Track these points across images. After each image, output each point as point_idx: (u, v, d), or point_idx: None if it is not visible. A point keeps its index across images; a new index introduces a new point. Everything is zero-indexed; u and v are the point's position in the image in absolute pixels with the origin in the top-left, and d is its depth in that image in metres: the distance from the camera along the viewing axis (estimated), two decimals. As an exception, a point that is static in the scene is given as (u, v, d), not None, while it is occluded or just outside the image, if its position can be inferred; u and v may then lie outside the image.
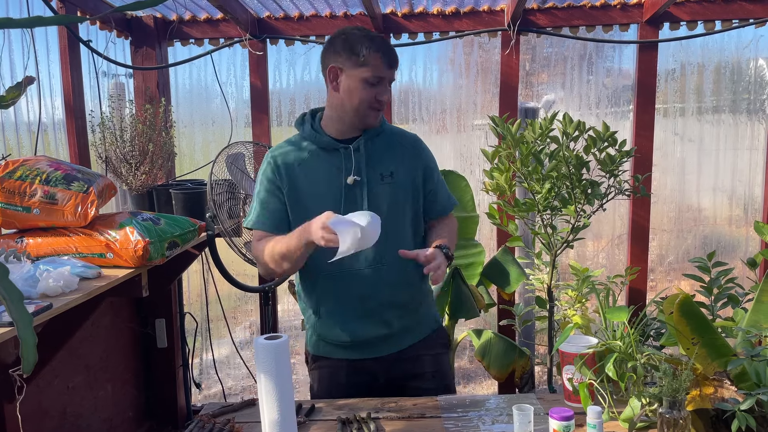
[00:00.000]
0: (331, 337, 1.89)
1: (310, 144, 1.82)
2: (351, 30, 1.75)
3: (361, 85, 1.72)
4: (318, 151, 1.81)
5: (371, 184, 1.79)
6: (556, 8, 3.14)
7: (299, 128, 1.86)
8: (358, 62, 1.71)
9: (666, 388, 1.39)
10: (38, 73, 2.65)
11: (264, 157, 1.87)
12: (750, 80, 3.41)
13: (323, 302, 1.87)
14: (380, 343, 1.88)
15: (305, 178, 1.79)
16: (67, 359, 2.44)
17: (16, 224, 2.18)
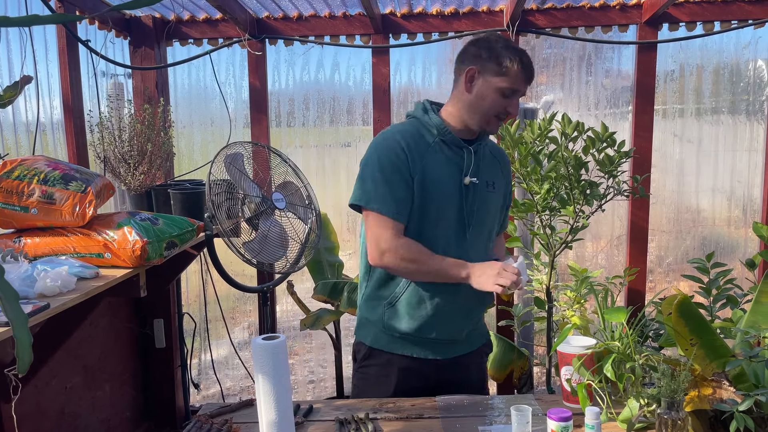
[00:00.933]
0: (401, 328, 1.84)
1: (433, 135, 1.79)
2: (498, 37, 1.78)
3: (495, 93, 1.75)
4: (441, 144, 1.80)
5: (481, 189, 1.84)
6: (555, 9, 3.14)
7: (421, 116, 1.81)
8: (499, 71, 1.73)
9: (664, 388, 1.39)
10: (36, 73, 2.65)
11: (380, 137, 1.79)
12: (749, 81, 3.41)
13: (407, 293, 1.81)
14: (445, 345, 1.89)
15: (432, 169, 1.76)
16: (65, 359, 2.44)
17: (13, 224, 2.18)
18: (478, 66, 1.75)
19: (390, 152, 1.74)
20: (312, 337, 3.77)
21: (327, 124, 3.54)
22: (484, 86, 1.75)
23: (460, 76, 1.79)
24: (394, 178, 1.73)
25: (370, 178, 1.75)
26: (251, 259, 2.45)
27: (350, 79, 3.49)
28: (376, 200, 1.73)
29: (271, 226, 2.54)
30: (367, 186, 1.75)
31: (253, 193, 2.52)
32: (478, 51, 1.76)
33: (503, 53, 1.73)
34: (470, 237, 1.84)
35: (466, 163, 1.81)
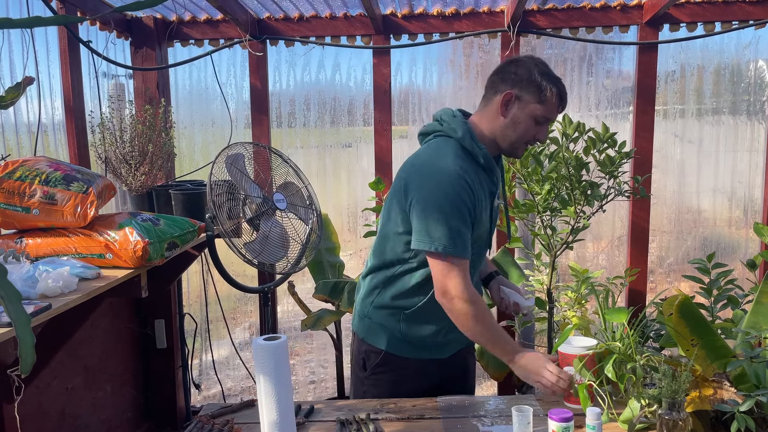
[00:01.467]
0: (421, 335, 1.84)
1: (477, 164, 1.76)
2: (537, 62, 1.74)
3: (530, 120, 1.73)
4: (479, 169, 1.77)
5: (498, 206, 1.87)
6: (555, 9, 3.14)
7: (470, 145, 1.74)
8: (538, 99, 1.71)
9: (665, 389, 1.39)
10: (38, 74, 2.65)
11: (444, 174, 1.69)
12: (750, 82, 3.41)
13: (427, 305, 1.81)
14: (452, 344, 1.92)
15: (480, 202, 1.75)
16: (67, 360, 2.44)
17: (15, 224, 2.18)
18: (516, 90, 1.72)
19: (463, 197, 1.68)
20: (313, 338, 3.77)
21: (328, 124, 3.54)
22: (519, 111, 1.73)
23: (495, 96, 1.75)
24: (467, 217, 1.69)
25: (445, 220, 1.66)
26: (252, 259, 2.45)
27: (351, 80, 3.49)
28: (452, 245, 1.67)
29: (272, 227, 2.54)
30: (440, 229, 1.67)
31: (254, 193, 2.52)
32: (518, 75, 1.73)
33: (543, 81, 1.71)
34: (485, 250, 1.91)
35: (497, 187, 1.84)
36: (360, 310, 1.94)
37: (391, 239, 1.82)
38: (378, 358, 1.89)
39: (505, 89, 1.73)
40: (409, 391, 1.87)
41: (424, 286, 1.80)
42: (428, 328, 1.85)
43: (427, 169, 1.73)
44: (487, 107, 1.78)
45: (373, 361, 1.90)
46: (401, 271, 1.82)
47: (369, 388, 1.92)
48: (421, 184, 1.71)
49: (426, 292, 1.81)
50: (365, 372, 1.92)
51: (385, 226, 1.84)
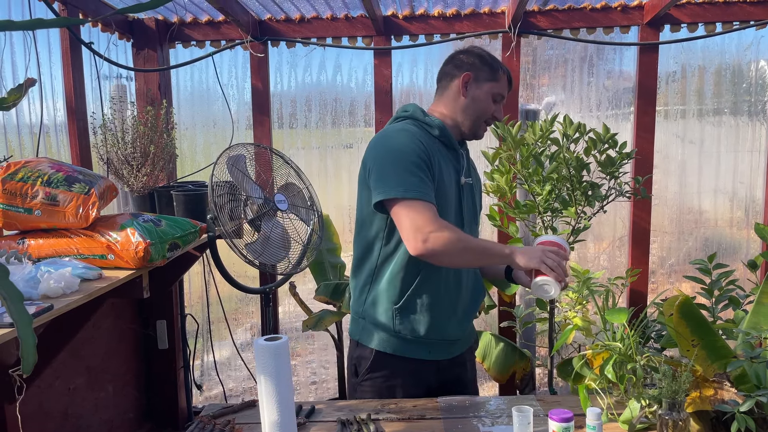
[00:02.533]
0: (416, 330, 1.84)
1: (433, 137, 1.84)
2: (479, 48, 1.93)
3: (489, 97, 1.87)
4: (440, 145, 1.85)
5: (470, 188, 1.93)
6: (556, 10, 3.14)
7: (421, 117, 1.84)
8: (494, 77, 1.87)
9: (666, 389, 1.40)
10: (40, 75, 2.66)
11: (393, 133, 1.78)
12: (751, 82, 3.41)
13: (417, 295, 1.81)
14: (450, 345, 1.93)
15: (439, 169, 1.80)
16: (68, 360, 2.44)
17: (17, 225, 2.19)
18: (473, 72, 1.87)
19: (413, 147, 1.72)
20: (314, 339, 3.77)
21: (329, 125, 3.55)
22: (478, 91, 1.87)
23: (453, 81, 1.89)
24: (422, 167, 1.71)
25: (398, 170, 1.69)
26: (253, 260, 2.46)
27: (352, 81, 3.50)
28: (412, 189, 1.67)
29: (273, 228, 2.54)
30: (396, 178, 1.69)
31: (256, 194, 2.53)
32: (471, 59, 1.89)
33: (493, 62, 1.89)
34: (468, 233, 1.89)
35: (461, 164, 1.89)
36: (354, 311, 1.95)
37: (366, 221, 1.85)
38: (368, 363, 1.88)
39: (461, 73, 1.87)
40: (404, 397, 1.86)
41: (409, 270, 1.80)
42: (423, 321, 1.83)
43: (378, 138, 1.85)
44: (444, 93, 1.90)
45: (364, 366, 1.89)
46: (382, 259, 1.84)
47: (362, 395, 1.91)
48: (373, 151, 1.80)
49: (412, 277, 1.81)
50: (357, 378, 1.92)
51: (360, 212, 1.88)
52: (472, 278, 1.95)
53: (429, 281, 1.81)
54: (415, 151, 1.73)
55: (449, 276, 1.85)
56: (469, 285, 1.93)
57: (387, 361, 1.86)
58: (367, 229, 1.86)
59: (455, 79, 1.88)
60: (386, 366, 1.86)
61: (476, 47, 1.94)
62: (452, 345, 1.93)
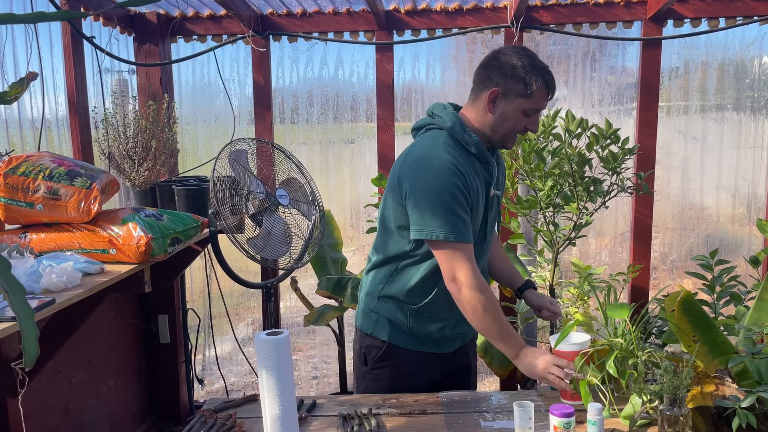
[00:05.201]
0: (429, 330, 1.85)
1: (470, 154, 1.76)
2: (521, 54, 1.73)
3: (519, 115, 1.73)
4: (476, 162, 1.78)
5: (498, 197, 1.89)
6: (559, 5, 3.13)
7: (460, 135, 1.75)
8: (524, 93, 1.70)
9: (667, 385, 1.40)
10: (41, 69, 2.66)
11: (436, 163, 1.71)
12: (754, 78, 3.40)
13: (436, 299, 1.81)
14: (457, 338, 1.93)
15: (476, 188, 1.76)
16: (70, 355, 2.45)
17: (19, 220, 2.19)
18: (501, 88, 1.72)
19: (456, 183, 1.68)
20: (315, 333, 3.78)
21: (331, 120, 3.54)
22: (507, 107, 1.73)
23: (482, 93, 1.75)
24: (463, 204, 1.70)
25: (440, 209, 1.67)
26: (255, 255, 2.46)
27: (354, 76, 3.49)
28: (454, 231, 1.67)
29: (275, 223, 2.54)
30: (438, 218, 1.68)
31: (257, 189, 2.53)
32: (502, 71, 1.72)
33: (528, 75, 1.69)
34: (488, 241, 1.90)
35: (493, 177, 1.84)
36: (365, 306, 1.93)
37: (393, 235, 1.82)
38: (379, 352, 1.88)
39: (490, 86, 1.73)
40: (410, 386, 1.87)
41: (429, 281, 1.80)
42: (435, 324, 1.86)
43: (418, 160, 1.75)
44: (476, 102, 1.79)
45: (374, 355, 1.90)
46: (404, 265, 1.82)
47: (370, 383, 1.92)
48: (413, 176, 1.72)
49: (431, 288, 1.81)
50: (366, 366, 1.93)
51: (385, 222, 1.84)
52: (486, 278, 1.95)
53: (446, 291, 1.78)
54: (458, 186, 1.68)
55: None
56: None
57: (396, 352, 1.87)
58: (395, 241, 1.83)
59: (484, 91, 1.74)
60: (395, 356, 1.88)
61: (515, 50, 1.74)
62: (459, 338, 1.96)
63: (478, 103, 1.77)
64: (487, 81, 1.74)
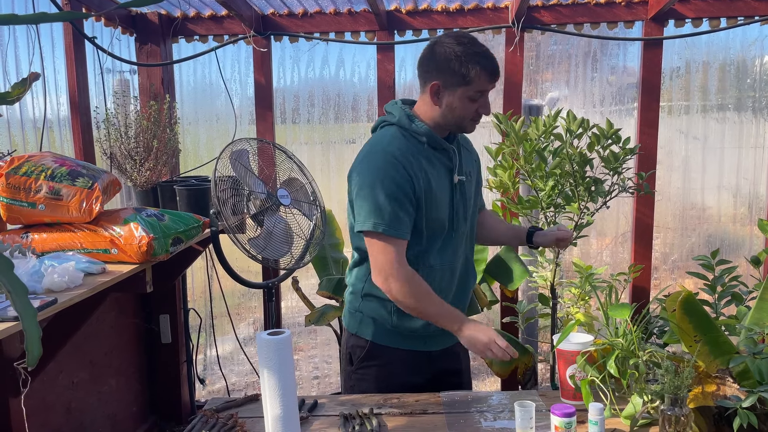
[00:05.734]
0: (413, 327, 1.84)
1: (421, 143, 1.78)
2: (453, 44, 1.71)
3: (464, 102, 1.73)
4: (429, 150, 1.80)
5: (465, 183, 1.87)
6: (560, 5, 3.13)
7: (408, 125, 1.78)
8: (462, 82, 1.71)
9: (668, 385, 1.40)
10: (43, 70, 2.66)
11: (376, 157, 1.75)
12: (755, 78, 3.40)
13: None
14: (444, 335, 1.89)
15: (428, 178, 1.77)
16: (72, 354, 2.45)
17: (21, 220, 2.19)
18: (440, 81, 1.73)
19: (393, 175, 1.71)
20: (317, 333, 3.78)
21: (332, 120, 3.54)
22: (450, 98, 1.74)
23: (425, 87, 1.77)
24: (401, 201, 1.71)
25: (375, 203, 1.71)
26: (256, 255, 2.46)
27: (355, 76, 3.49)
28: (384, 224, 1.70)
29: (276, 223, 2.55)
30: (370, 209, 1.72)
31: (258, 189, 2.53)
32: (435, 63, 1.73)
33: (463, 64, 1.69)
34: (461, 229, 1.87)
35: (454, 163, 1.84)
36: (350, 305, 1.93)
37: (353, 233, 1.85)
38: (363, 352, 1.89)
39: (431, 81, 1.74)
40: (398, 385, 1.86)
41: None
42: (419, 321, 1.84)
43: (364, 157, 1.80)
44: (423, 96, 1.80)
45: (359, 355, 1.90)
46: None
47: (356, 382, 1.92)
48: (357, 172, 1.77)
49: None
50: (352, 366, 1.93)
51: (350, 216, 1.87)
52: (464, 268, 1.93)
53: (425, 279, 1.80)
54: (395, 180, 1.70)
55: (444, 274, 1.85)
56: (461, 276, 1.91)
57: (381, 351, 1.87)
58: (355, 240, 1.87)
59: (426, 85, 1.76)
60: (381, 355, 1.87)
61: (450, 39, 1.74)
62: (446, 335, 1.91)
63: (425, 97, 1.79)
64: (426, 76, 1.76)
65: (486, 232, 2.11)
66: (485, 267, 3.05)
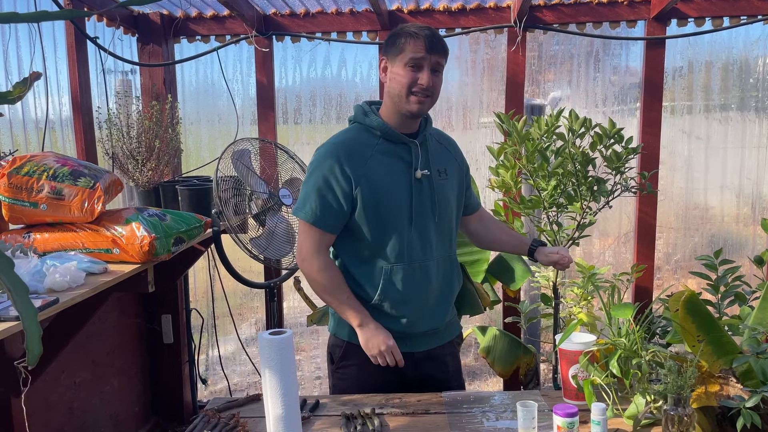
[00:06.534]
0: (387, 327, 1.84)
1: (377, 137, 1.83)
2: (402, 26, 1.82)
3: (402, 70, 1.78)
4: (385, 144, 1.83)
5: (434, 178, 1.86)
6: (562, 4, 3.13)
7: (362, 119, 1.85)
8: (398, 50, 1.78)
9: (671, 385, 1.39)
10: (45, 70, 2.66)
11: (322, 149, 1.84)
12: (758, 77, 3.39)
13: (387, 291, 1.82)
14: (426, 337, 1.91)
15: (376, 172, 1.80)
16: (74, 354, 2.46)
17: (23, 219, 2.19)
18: (385, 56, 1.82)
19: (326, 168, 1.79)
20: (319, 334, 3.78)
21: (334, 120, 3.54)
22: (392, 70, 1.80)
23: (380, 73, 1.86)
24: (327, 193, 1.78)
25: (306, 192, 1.82)
26: (258, 255, 2.46)
27: (357, 76, 3.49)
28: (306, 211, 1.80)
29: (278, 223, 2.55)
30: (302, 198, 1.83)
31: (260, 189, 2.53)
32: (385, 44, 1.84)
33: (398, 36, 1.79)
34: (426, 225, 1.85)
35: (414, 157, 1.83)
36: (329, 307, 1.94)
37: None
38: (341, 351, 1.91)
39: (380, 62, 1.85)
40: (377, 384, 1.86)
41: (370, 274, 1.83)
42: (396, 319, 1.84)
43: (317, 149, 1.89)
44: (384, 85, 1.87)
45: (338, 354, 1.93)
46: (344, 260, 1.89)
47: (337, 381, 1.94)
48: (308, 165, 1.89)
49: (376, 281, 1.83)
50: (333, 365, 1.96)
51: None
52: (443, 267, 1.90)
53: (394, 281, 1.82)
54: (330, 169, 1.78)
55: (415, 272, 1.84)
56: (440, 276, 1.89)
57: (358, 351, 1.86)
58: None
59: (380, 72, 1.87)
60: (357, 355, 1.87)
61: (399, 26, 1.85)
62: (427, 337, 1.91)
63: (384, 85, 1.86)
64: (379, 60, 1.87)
65: (488, 237, 2.12)
66: (487, 267, 3.05)
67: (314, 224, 1.79)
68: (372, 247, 1.82)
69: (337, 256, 1.90)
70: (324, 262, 1.82)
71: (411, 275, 1.83)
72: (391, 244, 1.81)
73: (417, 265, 1.84)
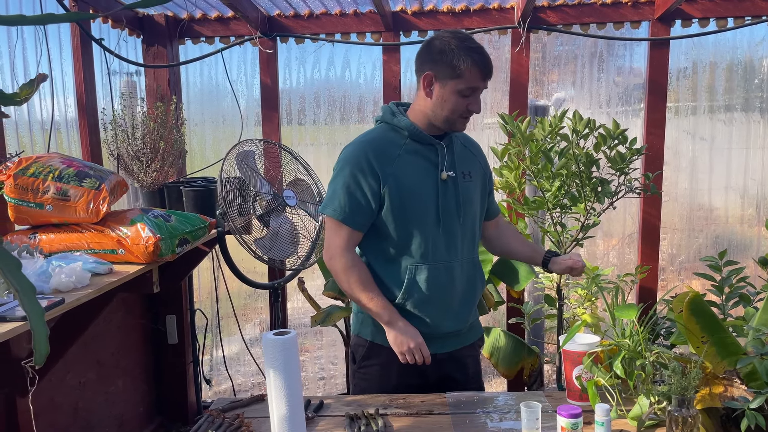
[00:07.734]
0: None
1: (404, 136, 1.83)
2: (449, 38, 1.75)
3: (455, 96, 1.75)
4: (412, 144, 1.83)
5: (459, 180, 1.86)
6: (566, 5, 3.13)
7: (390, 119, 1.84)
8: (453, 74, 1.73)
9: (675, 386, 1.39)
10: (51, 71, 2.68)
11: (350, 147, 1.83)
12: (763, 78, 3.38)
13: (411, 291, 1.83)
14: (447, 339, 1.91)
15: (404, 171, 1.80)
16: (79, 355, 2.47)
17: (29, 220, 2.21)
18: (433, 72, 1.76)
19: (355, 166, 1.78)
20: (323, 334, 3.78)
21: (338, 121, 3.55)
22: (441, 91, 1.76)
23: (419, 78, 1.80)
24: (356, 191, 1.78)
25: (334, 190, 1.81)
26: (262, 255, 2.47)
27: (361, 77, 3.50)
28: (334, 208, 1.79)
29: (282, 223, 2.55)
30: (331, 196, 1.82)
31: (265, 190, 2.54)
32: (431, 55, 1.76)
33: (456, 56, 1.72)
34: (453, 227, 1.86)
35: (440, 158, 1.84)
36: (355, 306, 1.95)
37: None
38: (364, 350, 1.91)
39: (424, 71, 1.77)
40: (397, 386, 1.86)
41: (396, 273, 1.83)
42: (420, 320, 1.84)
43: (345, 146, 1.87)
44: (418, 91, 1.84)
45: (361, 354, 1.93)
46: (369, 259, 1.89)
47: (359, 381, 1.94)
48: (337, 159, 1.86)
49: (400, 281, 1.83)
50: (355, 365, 1.96)
51: None
52: (467, 269, 1.91)
53: (418, 280, 1.82)
54: (359, 166, 1.77)
55: (439, 273, 1.84)
56: (463, 278, 1.89)
57: (381, 350, 1.87)
58: None
59: (420, 76, 1.80)
60: (380, 354, 1.88)
61: (448, 33, 1.78)
62: (450, 339, 1.92)
63: (419, 92, 1.82)
64: (422, 68, 1.80)
65: (503, 244, 2.11)
66: (491, 268, 3.04)
67: (343, 221, 1.78)
68: (397, 246, 1.82)
69: (362, 254, 1.89)
70: (352, 259, 1.81)
71: (435, 275, 1.83)
72: (416, 244, 1.81)
73: (441, 266, 1.84)
